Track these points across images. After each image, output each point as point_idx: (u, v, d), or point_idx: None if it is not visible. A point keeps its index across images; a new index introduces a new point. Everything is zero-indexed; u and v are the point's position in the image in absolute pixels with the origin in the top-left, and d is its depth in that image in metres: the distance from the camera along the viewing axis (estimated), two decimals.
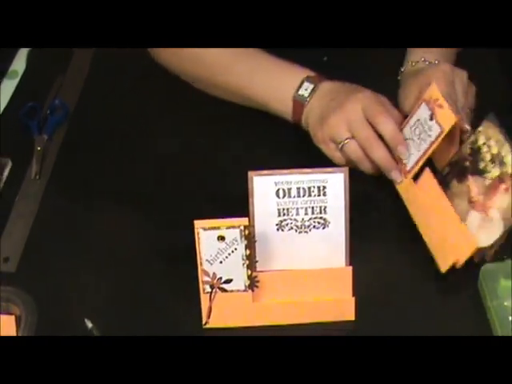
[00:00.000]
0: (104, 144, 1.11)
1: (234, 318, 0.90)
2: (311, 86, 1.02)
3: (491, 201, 0.94)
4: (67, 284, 0.96)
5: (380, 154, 0.98)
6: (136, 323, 0.91)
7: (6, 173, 1.08)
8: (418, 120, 0.97)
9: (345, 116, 0.98)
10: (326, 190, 0.89)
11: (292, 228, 0.90)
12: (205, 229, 0.86)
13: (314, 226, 0.90)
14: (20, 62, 1.25)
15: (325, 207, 0.89)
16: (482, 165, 0.95)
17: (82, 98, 1.17)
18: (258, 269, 0.91)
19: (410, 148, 0.98)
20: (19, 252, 0.99)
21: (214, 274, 0.88)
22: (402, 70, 1.08)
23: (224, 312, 0.90)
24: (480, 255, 0.93)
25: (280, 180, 0.89)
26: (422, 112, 0.97)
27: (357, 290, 0.90)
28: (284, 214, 0.90)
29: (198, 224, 0.86)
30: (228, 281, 0.88)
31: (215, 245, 0.87)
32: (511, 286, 0.89)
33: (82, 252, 0.99)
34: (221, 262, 0.88)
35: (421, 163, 0.97)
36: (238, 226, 0.86)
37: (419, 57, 1.06)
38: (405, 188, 0.99)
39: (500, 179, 0.93)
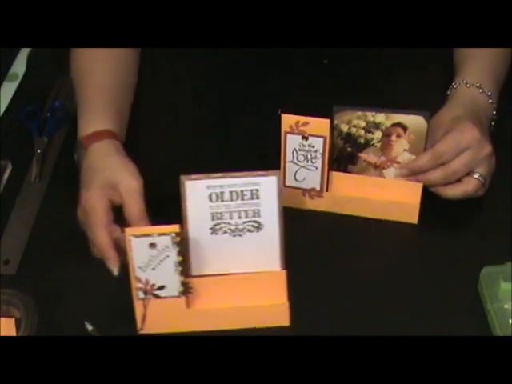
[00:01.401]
0: None
1: (169, 324, 0.89)
2: (76, 158, 1.00)
3: (393, 152, 0.97)
4: (67, 286, 0.96)
5: (100, 241, 0.90)
6: (135, 323, 0.90)
7: (6, 175, 1.09)
8: (294, 149, 0.97)
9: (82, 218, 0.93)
10: (258, 193, 0.87)
11: (226, 232, 0.89)
12: (136, 236, 0.85)
13: (248, 230, 0.89)
14: (20, 64, 1.26)
15: (258, 210, 0.88)
16: (362, 141, 0.97)
17: None
18: (193, 273, 0.90)
19: (305, 173, 0.98)
20: (19, 254, 0.99)
21: (146, 280, 0.87)
22: (455, 86, 1.03)
23: (158, 318, 0.89)
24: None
25: (212, 184, 0.87)
26: (292, 141, 0.96)
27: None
28: (218, 218, 0.88)
29: (130, 231, 0.85)
30: (161, 287, 0.87)
31: (147, 252, 0.86)
32: (511, 288, 0.88)
33: (82, 254, 0.96)
34: (153, 269, 0.86)
35: (326, 176, 0.98)
36: (169, 233, 0.85)
37: (461, 79, 1.01)
38: (332, 203, 1.00)
39: (386, 135, 0.96)
